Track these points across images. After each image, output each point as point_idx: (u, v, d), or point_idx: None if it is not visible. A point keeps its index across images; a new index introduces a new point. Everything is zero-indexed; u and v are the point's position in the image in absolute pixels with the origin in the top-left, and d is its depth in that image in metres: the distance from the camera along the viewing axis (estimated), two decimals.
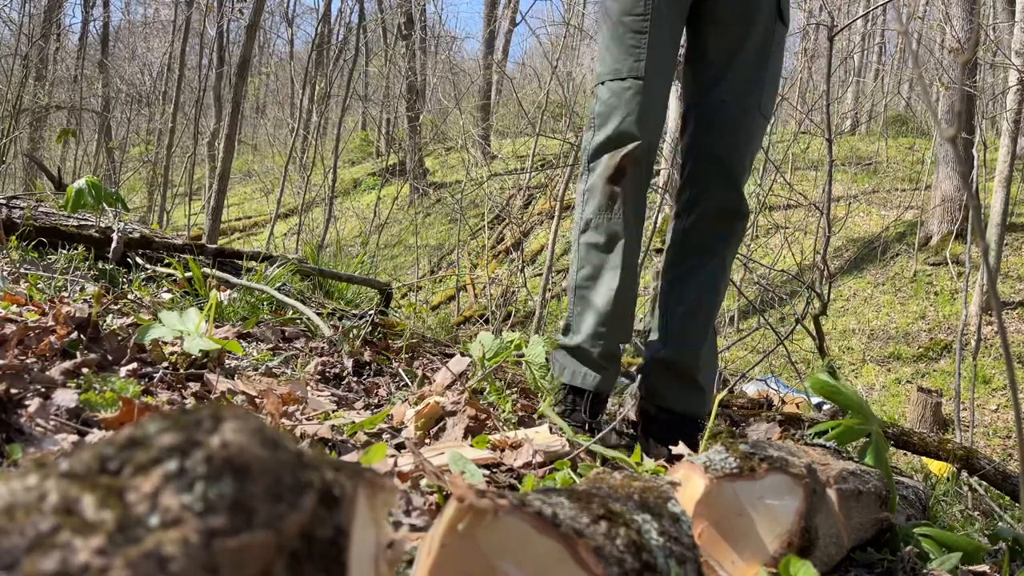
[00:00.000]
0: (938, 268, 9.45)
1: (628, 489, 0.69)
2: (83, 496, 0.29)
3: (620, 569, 0.57)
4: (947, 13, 9.16)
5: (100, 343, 1.40)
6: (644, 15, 1.55)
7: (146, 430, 0.32)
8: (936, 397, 6.57)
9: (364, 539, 0.37)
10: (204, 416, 0.33)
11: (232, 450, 0.31)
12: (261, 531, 0.30)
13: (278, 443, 0.34)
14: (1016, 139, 6.59)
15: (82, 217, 2.73)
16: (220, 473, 0.31)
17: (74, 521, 0.28)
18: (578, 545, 0.54)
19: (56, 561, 0.26)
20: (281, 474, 0.32)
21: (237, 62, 7.63)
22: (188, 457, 0.31)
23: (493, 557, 0.54)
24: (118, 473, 0.30)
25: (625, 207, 1.62)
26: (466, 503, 0.53)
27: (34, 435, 0.96)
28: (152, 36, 21.49)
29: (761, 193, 7.02)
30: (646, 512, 0.65)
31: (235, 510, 0.30)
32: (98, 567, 0.26)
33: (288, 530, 0.31)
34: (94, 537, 0.27)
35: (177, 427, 0.32)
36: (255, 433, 0.33)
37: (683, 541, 0.66)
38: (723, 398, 1.97)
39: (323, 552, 0.32)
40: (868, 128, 16.74)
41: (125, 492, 0.29)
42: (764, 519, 0.81)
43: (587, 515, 0.60)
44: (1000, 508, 1.95)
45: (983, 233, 5.12)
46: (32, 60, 11.59)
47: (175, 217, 12.58)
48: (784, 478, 0.83)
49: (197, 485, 0.30)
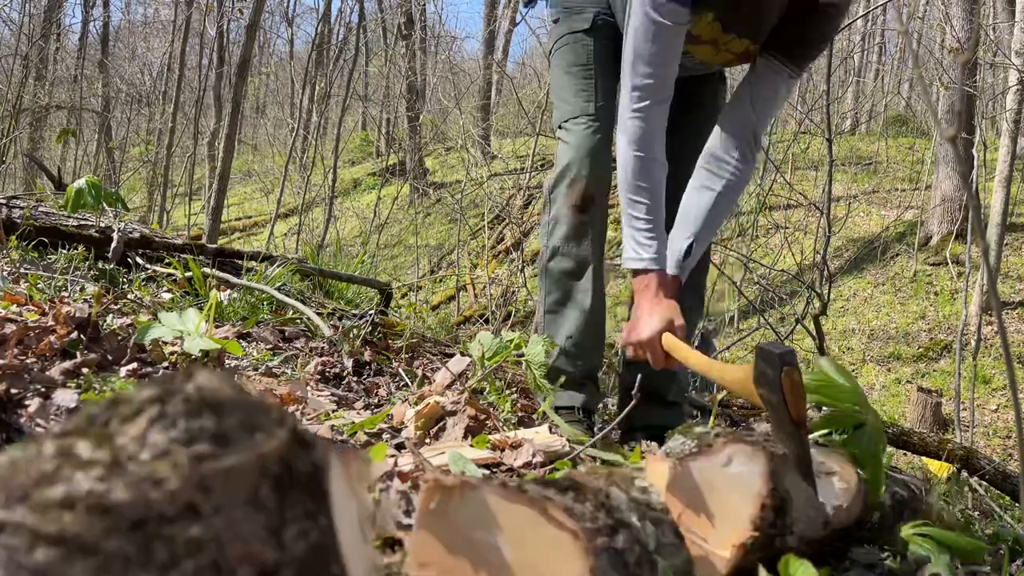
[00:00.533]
0: (938, 268, 9.45)
1: (595, 475, 0.71)
2: (78, 442, 0.32)
3: (593, 525, 0.59)
4: (947, 13, 9.16)
5: (100, 343, 1.40)
6: (588, 66, 1.73)
7: (127, 392, 0.35)
8: (936, 397, 6.57)
9: (346, 502, 0.40)
10: (178, 374, 0.37)
11: (206, 392, 0.35)
12: (243, 454, 0.33)
13: (247, 390, 0.37)
14: (1016, 139, 6.59)
15: (82, 217, 2.73)
16: (199, 410, 0.34)
17: (72, 461, 0.31)
18: (548, 507, 0.57)
19: (62, 490, 0.29)
20: (254, 411, 0.36)
21: (237, 62, 7.63)
22: (167, 403, 0.34)
23: (469, 530, 0.57)
24: (107, 424, 0.33)
25: (592, 234, 1.72)
26: (431, 482, 0.57)
27: (34, 435, 0.96)
28: (152, 36, 21.49)
29: (761, 193, 7.02)
30: (613, 487, 0.67)
31: (217, 439, 0.33)
32: (101, 491, 0.29)
33: (268, 454, 0.34)
34: (93, 470, 0.30)
35: (154, 384, 0.36)
36: (225, 379, 0.37)
37: (654, 506, 0.68)
38: (723, 398, 1.97)
39: (305, 481, 0.36)
40: (868, 128, 16.74)
41: (115, 436, 0.32)
42: (733, 489, 0.84)
43: (554, 488, 0.63)
44: (1000, 508, 1.95)
45: (983, 233, 5.12)
46: (32, 60, 11.59)
47: (175, 217, 12.58)
48: (743, 447, 0.86)
49: (179, 422, 0.33)
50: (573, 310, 1.72)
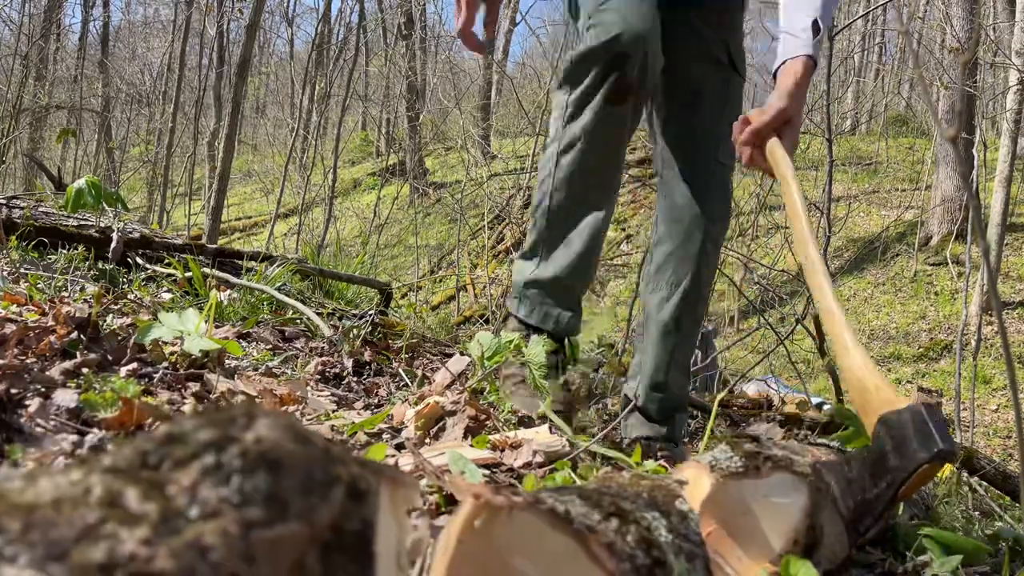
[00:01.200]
0: (938, 268, 9.45)
1: (637, 488, 0.69)
2: (127, 489, 0.30)
3: (631, 564, 0.58)
4: (947, 13, 9.15)
5: (100, 343, 1.40)
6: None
7: (183, 427, 0.33)
8: (936, 397, 6.57)
9: (387, 535, 0.38)
10: (238, 414, 0.34)
11: (266, 445, 0.33)
12: (295, 523, 0.31)
13: (308, 439, 0.35)
14: (1016, 139, 6.59)
15: (82, 217, 2.73)
16: (255, 467, 0.32)
17: (119, 513, 0.29)
18: (590, 541, 0.55)
19: (104, 551, 0.27)
20: (312, 468, 0.33)
21: (237, 62, 7.63)
22: (224, 452, 0.32)
23: (508, 553, 0.55)
24: (158, 467, 0.31)
25: (620, 135, 1.46)
26: (482, 500, 0.54)
27: (34, 435, 0.96)
28: (152, 36, 21.49)
29: (761, 193, 7.02)
30: (655, 510, 0.66)
31: (270, 502, 0.31)
32: (144, 557, 0.27)
33: (320, 522, 0.32)
34: (139, 528, 0.28)
35: (213, 424, 0.33)
36: (287, 429, 0.34)
37: (691, 538, 0.66)
38: (723, 398, 1.97)
39: (352, 543, 0.34)
40: (868, 128, 16.73)
41: (166, 485, 0.30)
42: (769, 517, 0.82)
43: (598, 512, 0.61)
44: (1000, 508, 1.95)
45: (983, 233, 5.10)
46: (32, 60, 11.59)
47: (175, 217, 12.58)
48: (789, 476, 0.84)
49: (234, 478, 0.31)
50: (585, 218, 1.49)
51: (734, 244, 8.19)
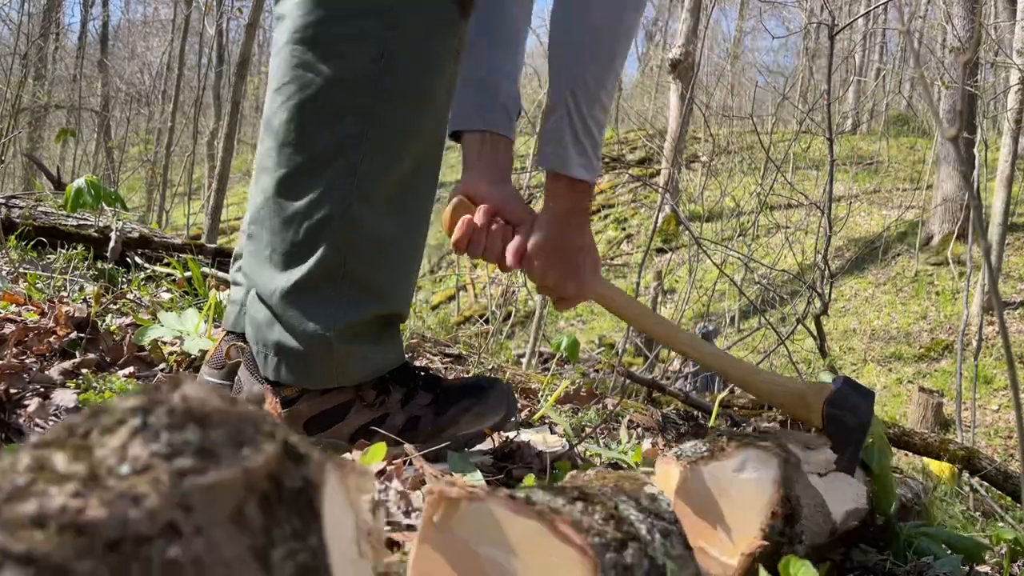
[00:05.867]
0: (939, 268, 9.45)
1: (602, 480, 0.69)
2: (54, 455, 0.30)
3: (602, 539, 0.57)
4: (948, 12, 9.15)
5: (99, 343, 1.39)
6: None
7: (110, 402, 0.34)
8: (937, 397, 6.56)
9: (341, 516, 0.39)
10: (163, 382, 0.35)
11: (193, 403, 0.33)
12: (228, 470, 0.32)
13: (236, 401, 0.36)
14: (1017, 139, 6.58)
15: (81, 217, 2.72)
16: (183, 423, 0.32)
17: (47, 475, 0.29)
18: (555, 520, 0.55)
19: (34, 505, 0.28)
20: (242, 424, 0.34)
21: (236, 61, 7.63)
22: (151, 414, 0.33)
23: (472, 543, 0.55)
24: (86, 435, 0.32)
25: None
26: (437, 494, 0.55)
27: (33, 435, 0.96)
28: (151, 35, 21.49)
29: (762, 193, 7.01)
30: (622, 495, 0.66)
31: (201, 454, 0.32)
32: (75, 507, 0.28)
33: (254, 471, 0.33)
34: (68, 484, 0.29)
35: (138, 393, 0.34)
36: (213, 390, 0.35)
37: (664, 516, 0.66)
38: (724, 398, 1.97)
39: (294, 498, 0.34)
40: (869, 127, 16.73)
41: (94, 448, 0.31)
42: (744, 495, 0.82)
43: (562, 498, 0.61)
44: (1001, 508, 1.94)
45: (984, 233, 5.11)
46: (31, 59, 11.59)
47: (174, 216, 12.58)
48: (755, 451, 0.84)
49: (162, 434, 0.32)
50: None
51: (734, 244, 8.18)
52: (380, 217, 1.02)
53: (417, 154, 1.05)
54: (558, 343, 1.92)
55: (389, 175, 1.02)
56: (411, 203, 1.07)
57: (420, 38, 1.01)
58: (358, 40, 0.99)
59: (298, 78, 1.00)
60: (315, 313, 1.02)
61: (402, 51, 1.00)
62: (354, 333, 1.04)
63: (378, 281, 1.05)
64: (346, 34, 0.99)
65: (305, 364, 1.04)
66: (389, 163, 1.02)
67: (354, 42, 0.99)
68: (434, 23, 1.02)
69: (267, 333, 1.04)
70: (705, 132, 11.25)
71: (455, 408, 1.11)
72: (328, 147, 1.00)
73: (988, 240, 6.40)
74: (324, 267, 1.01)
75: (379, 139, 1.01)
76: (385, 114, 1.00)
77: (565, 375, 2.39)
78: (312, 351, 1.03)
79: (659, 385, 2.07)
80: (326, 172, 1.00)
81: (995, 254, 6.33)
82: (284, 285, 1.02)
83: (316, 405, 1.07)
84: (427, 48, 1.02)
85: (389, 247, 1.05)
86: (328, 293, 1.02)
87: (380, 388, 1.10)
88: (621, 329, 4.15)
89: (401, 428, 1.09)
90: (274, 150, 1.02)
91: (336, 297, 1.02)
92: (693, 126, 11.99)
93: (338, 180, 1.00)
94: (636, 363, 5.66)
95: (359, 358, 1.06)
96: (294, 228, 1.01)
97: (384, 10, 0.99)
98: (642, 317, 1.14)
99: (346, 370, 1.05)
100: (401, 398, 1.11)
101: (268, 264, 1.04)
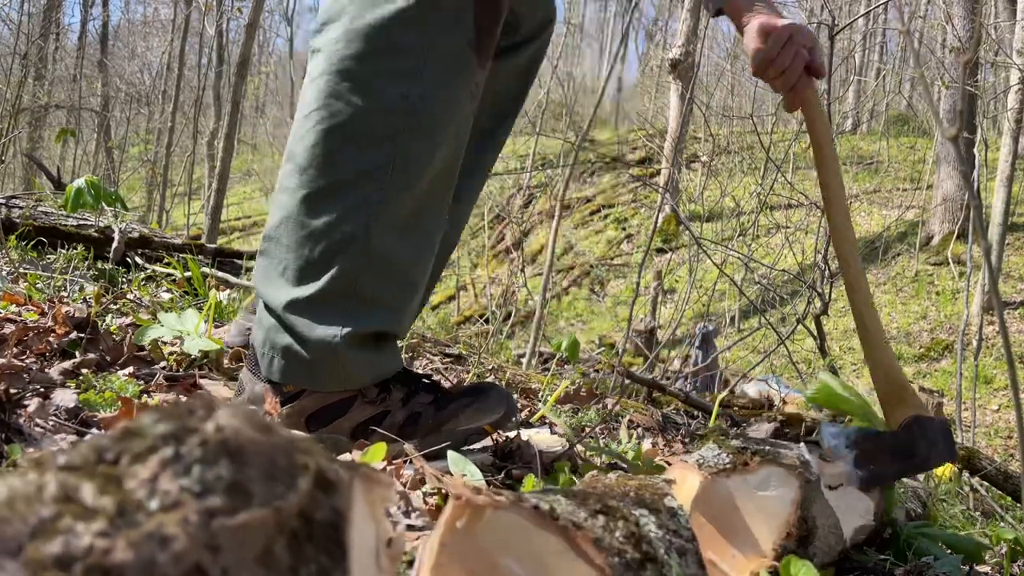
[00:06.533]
0: (939, 268, 9.45)
1: (624, 487, 0.69)
2: (82, 484, 0.29)
3: (621, 559, 0.57)
4: (948, 12, 9.15)
5: (99, 343, 1.39)
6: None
7: (141, 422, 0.32)
8: (938, 397, 6.55)
9: (363, 533, 0.37)
10: (197, 405, 0.34)
11: (226, 434, 0.32)
12: (259, 510, 0.30)
13: (271, 429, 0.34)
14: (1017, 138, 6.58)
15: (81, 217, 2.72)
16: (216, 456, 0.31)
17: (74, 508, 0.28)
18: (577, 537, 0.54)
19: (60, 544, 0.27)
20: (275, 456, 0.33)
21: (236, 61, 7.63)
22: (183, 443, 0.31)
23: (493, 553, 0.54)
24: (116, 463, 0.31)
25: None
26: (463, 500, 0.53)
27: (33, 435, 0.96)
28: (151, 35, 21.48)
29: (762, 192, 7.01)
30: (643, 507, 0.66)
31: (232, 491, 0.30)
32: (101, 548, 0.27)
33: (286, 509, 0.31)
34: (95, 521, 0.28)
35: (171, 417, 0.33)
36: (248, 418, 0.34)
37: (682, 534, 0.66)
38: (724, 398, 1.97)
39: (323, 533, 0.33)
40: (869, 127, 16.73)
41: (123, 479, 0.30)
42: (761, 511, 0.82)
43: (584, 510, 0.60)
44: (1001, 508, 1.94)
45: (984, 233, 5.11)
46: (31, 59, 11.59)
47: (174, 217, 12.58)
48: (777, 470, 0.84)
49: (194, 468, 0.30)
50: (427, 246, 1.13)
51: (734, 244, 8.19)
52: (394, 241, 1.07)
53: (432, 181, 1.10)
54: (558, 343, 1.92)
55: (406, 201, 1.07)
56: (423, 227, 1.11)
57: (444, 79, 1.07)
58: (390, 77, 1.05)
59: (328, 106, 1.05)
60: (324, 321, 1.06)
61: (428, 90, 1.06)
62: (359, 343, 1.07)
63: (385, 303, 1.09)
64: (380, 70, 1.05)
65: (312, 368, 1.07)
66: (407, 190, 1.07)
67: (386, 78, 1.05)
68: (457, 67, 1.08)
69: (275, 337, 1.08)
70: (705, 132, 11.25)
71: (455, 404, 1.14)
72: (352, 173, 1.05)
73: (988, 240, 6.40)
74: (336, 285, 1.05)
75: (401, 168, 1.06)
76: (409, 145, 1.06)
77: (565, 375, 2.39)
78: (320, 356, 1.06)
79: (659, 385, 2.07)
80: (348, 196, 1.05)
81: (995, 254, 6.33)
82: (295, 298, 1.06)
83: (318, 400, 1.10)
84: (450, 88, 1.08)
85: (399, 270, 1.09)
86: (337, 307, 1.06)
87: (382, 386, 1.13)
88: (621, 329, 4.15)
89: (402, 423, 1.12)
90: (297, 171, 1.07)
91: (344, 310, 1.06)
92: (693, 126, 11.99)
93: (359, 204, 1.05)
94: (636, 363, 5.66)
95: (365, 363, 1.09)
96: (310, 246, 1.05)
97: (417, 52, 1.06)
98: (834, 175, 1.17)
99: (351, 375, 1.09)
100: (403, 396, 1.14)
101: (280, 279, 1.08)
